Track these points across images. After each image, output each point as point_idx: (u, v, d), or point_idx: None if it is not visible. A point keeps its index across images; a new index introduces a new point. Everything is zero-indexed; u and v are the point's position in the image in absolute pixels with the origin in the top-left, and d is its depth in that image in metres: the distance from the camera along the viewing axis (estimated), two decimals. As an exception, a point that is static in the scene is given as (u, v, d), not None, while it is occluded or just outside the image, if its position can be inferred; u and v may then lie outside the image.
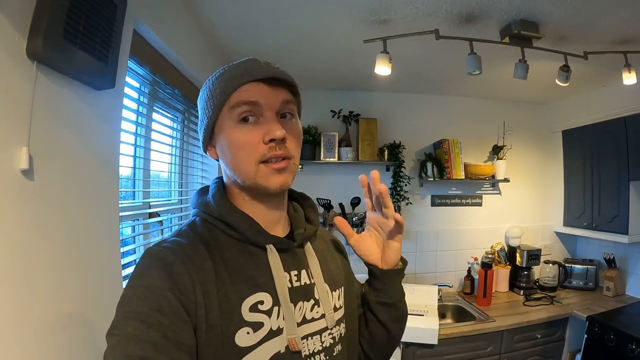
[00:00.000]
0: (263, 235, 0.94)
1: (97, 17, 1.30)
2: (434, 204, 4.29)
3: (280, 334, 0.89)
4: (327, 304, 1.02)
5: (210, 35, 2.72)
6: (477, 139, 4.33)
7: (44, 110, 1.18)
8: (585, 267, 4.06)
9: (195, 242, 0.89)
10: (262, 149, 0.90)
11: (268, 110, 0.91)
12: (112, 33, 1.40)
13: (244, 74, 0.90)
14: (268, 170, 0.91)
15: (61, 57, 1.18)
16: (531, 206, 4.50)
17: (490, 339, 3.24)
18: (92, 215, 1.46)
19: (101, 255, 1.52)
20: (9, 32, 1.03)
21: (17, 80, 1.07)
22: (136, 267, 0.83)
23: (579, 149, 4.04)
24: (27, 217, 1.12)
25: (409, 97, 4.25)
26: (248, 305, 0.86)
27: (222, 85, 0.91)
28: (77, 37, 1.20)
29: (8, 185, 1.05)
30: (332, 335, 1.01)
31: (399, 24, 2.45)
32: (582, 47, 2.63)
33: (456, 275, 4.26)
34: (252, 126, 0.91)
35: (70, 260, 1.32)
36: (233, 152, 0.92)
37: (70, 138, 1.32)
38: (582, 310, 3.38)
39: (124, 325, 0.73)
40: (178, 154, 2.80)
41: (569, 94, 4.03)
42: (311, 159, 3.94)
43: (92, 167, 1.45)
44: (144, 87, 2.17)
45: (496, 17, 2.34)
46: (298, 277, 0.99)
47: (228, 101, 0.91)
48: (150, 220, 2.35)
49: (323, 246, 1.17)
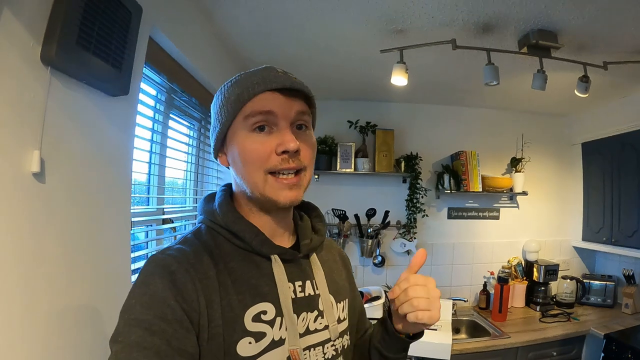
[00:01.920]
0: (268, 246, 0.94)
1: (111, 24, 1.32)
2: (450, 217, 4.25)
3: (282, 344, 0.89)
4: (331, 315, 1.02)
5: (227, 43, 2.74)
6: (495, 151, 4.29)
7: (57, 114, 1.20)
8: (604, 284, 3.96)
9: (200, 250, 0.89)
10: (274, 160, 0.89)
11: (283, 120, 0.90)
12: (127, 40, 1.42)
13: (260, 82, 0.89)
14: (277, 185, 0.90)
15: (75, 63, 1.19)
16: (549, 220, 4.43)
17: (504, 355, 3.17)
18: (103, 219, 1.47)
19: (111, 259, 1.54)
20: (24, 38, 1.05)
21: (31, 85, 1.09)
22: (140, 274, 0.83)
23: (599, 161, 3.95)
24: (39, 219, 1.14)
25: (426, 108, 4.24)
26: (251, 315, 0.86)
27: (237, 92, 0.90)
28: (91, 44, 1.22)
29: (19, 188, 1.07)
30: (335, 347, 1.01)
31: (416, 34, 2.44)
32: (602, 57, 2.59)
33: (472, 290, 4.21)
34: (266, 136, 0.90)
35: (80, 263, 1.34)
36: (243, 161, 0.91)
37: (82, 143, 1.34)
38: (599, 327, 3.30)
39: (128, 333, 0.74)
40: (194, 162, 2.82)
41: (588, 106, 3.97)
42: (327, 169, 3.94)
43: (104, 172, 1.47)
44: (161, 95, 2.20)
45: (514, 26, 2.31)
46: (302, 288, 0.98)
47: (243, 109, 0.90)
48: (164, 226, 2.37)
49: (329, 257, 1.16)
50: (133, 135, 1.68)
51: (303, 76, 2.87)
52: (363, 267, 4.15)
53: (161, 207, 2.33)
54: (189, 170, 2.81)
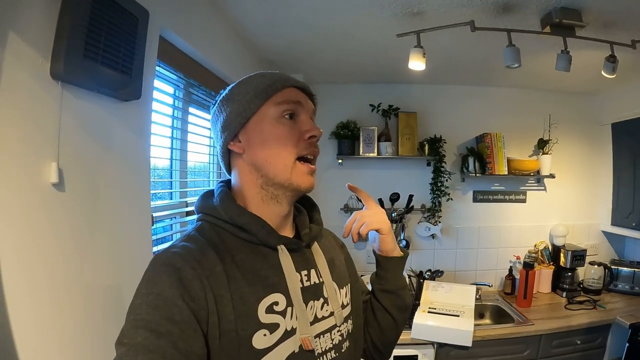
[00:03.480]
0: (274, 236, 0.96)
1: (117, 32, 1.33)
2: (475, 200, 4.20)
3: (294, 334, 0.91)
4: (336, 301, 1.05)
5: (241, 35, 2.74)
6: (521, 132, 4.19)
7: (71, 125, 1.23)
8: (633, 270, 3.86)
9: (205, 246, 0.90)
10: (302, 144, 0.97)
11: (306, 112, 1.01)
12: (135, 45, 1.43)
13: (287, 79, 1.00)
14: (305, 169, 0.98)
15: (84, 75, 1.22)
16: (577, 204, 4.32)
17: (527, 342, 3.15)
18: (123, 221, 1.53)
19: (134, 257, 1.59)
20: (32, 56, 1.08)
21: (44, 99, 1.12)
22: (145, 274, 0.83)
23: (629, 143, 3.82)
24: (61, 227, 1.20)
25: (449, 89, 4.15)
26: (264, 306, 0.87)
27: (268, 83, 0.97)
28: (98, 55, 1.24)
29: (40, 199, 1.12)
30: (341, 332, 1.04)
31: (433, 16, 2.38)
32: (630, 35, 2.45)
33: (497, 274, 4.17)
34: (294, 123, 0.98)
35: (103, 265, 1.40)
36: (274, 145, 0.96)
37: (98, 149, 1.38)
38: (625, 317, 3.24)
39: (134, 334, 0.73)
40: (215, 153, 2.82)
41: (618, 85, 3.79)
42: (350, 154, 3.94)
43: (121, 175, 1.51)
44: (178, 92, 2.22)
45: (535, 5, 2.22)
46: (308, 277, 1.01)
47: (273, 97, 0.97)
48: (188, 218, 2.42)
49: (327, 244, 1.19)
50: (149, 136, 1.71)
51: (321, 62, 2.84)
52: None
53: (184, 200, 2.39)
54: (211, 162, 2.87)
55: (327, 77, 3.89)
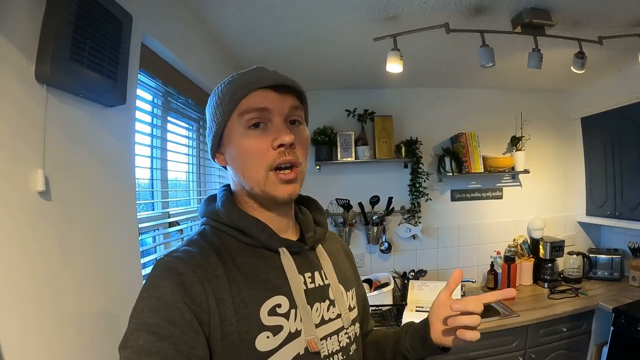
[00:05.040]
0: (275, 239, 0.95)
1: (103, 36, 1.32)
2: (453, 199, 4.26)
3: (298, 336, 0.90)
4: (343, 304, 1.04)
5: (220, 43, 2.75)
6: (495, 131, 4.28)
7: (57, 131, 1.20)
8: (610, 257, 3.98)
9: (206, 250, 0.90)
10: (272, 155, 0.91)
11: (277, 116, 0.93)
12: (120, 50, 1.43)
13: (253, 80, 0.92)
14: (277, 180, 0.92)
15: (70, 78, 1.20)
16: (553, 197, 4.43)
17: (515, 334, 3.20)
18: (110, 229, 1.49)
19: (122, 266, 1.56)
20: (16, 58, 1.05)
21: (29, 104, 1.09)
22: (147, 278, 0.83)
23: (599, 135, 3.95)
24: (47, 236, 1.16)
25: (424, 92, 4.23)
26: (267, 309, 0.87)
27: (232, 91, 0.92)
28: (84, 58, 1.23)
29: (26, 208, 1.08)
30: (348, 335, 1.03)
31: (408, 20, 2.43)
32: (597, 32, 2.57)
33: (479, 270, 4.22)
34: (261, 132, 0.92)
35: (91, 274, 1.36)
36: (242, 159, 0.94)
37: (84, 156, 1.35)
38: (608, 301, 3.32)
39: (136, 338, 0.74)
40: (195, 162, 2.83)
41: (585, 81, 3.93)
42: (328, 159, 3.94)
43: (108, 182, 1.48)
44: (157, 99, 2.21)
45: (506, 6, 2.30)
46: (312, 279, 1.00)
47: (237, 107, 0.92)
48: (171, 229, 2.38)
49: (333, 248, 1.18)
50: (133, 143, 1.69)
51: (298, 68, 2.84)
52: (370, 255, 4.17)
53: (166, 211, 2.35)
54: (191, 171, 2.83)
55: (304, 84, 3.79)
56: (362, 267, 4.10)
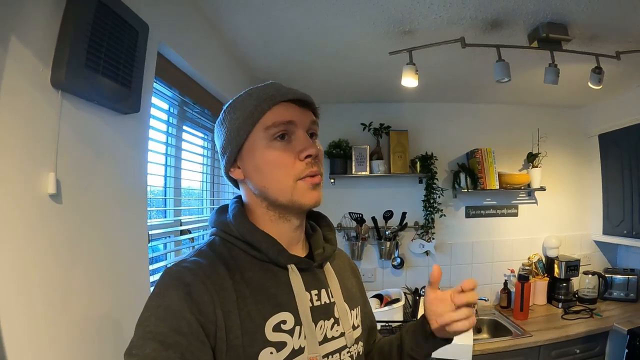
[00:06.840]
0: (284, 255, 0.95)
1: (118, 44, 1.34)
2: (468, 216, 4.23)
3: (301, 353, 0.90)
4: (347, 322, 1.04)
5: (235, 53, 2.78)
6: (511, 147, 4.25)
7: (70, 136, 1.22)
8: (626, 277, 3.89)
9: (215, 261, 0.90)
10: (300, 166, 0.93)
11: (301, 129, 0.95)
12: (135, 58, 1.45)
13: (276, 94, 0.93)
14: (306, 186, 0.93)
15: (84, 85, 1.22)
16: (569, 215, 4.36)
17: (526, 354, 3.14)
18: (120, 235, 1.51)
19: (130, 273, 1.57)
20: (33, 63, 1.08)
21: (43, 108, 1.12)
22: (155, 287, 0.84)
23: (617, 153, 3.88)
24: (57, 239, 1.18)
25: (439, 107, 4.22)
26: (272, 325, 0.87)
27: (254, 104, 0.94)
28: (99, 65, 1.25)
29: (37, 210, 1.10)
30: (350, 354, 1.03)
31: (424, 34, 2.44)
32: (614, 46, 2.54)
33: (492, 288, 4.16)
34: (286, 144, 0.94)
35: (99, 279, 1.37)
36: (268, 170, 0.94)
37: (96, 162, 1.37)
38: (623, 323, 3.25)
39: (142, 346, 0.74)
40: (209, 172, 2.85)
41: (603, 97, 3.89)
42: (343, 173, 3.95)
43: (119, 189, 1.50)
44: (173, 108, 2.24)
45: (522, 21, 2.29)
46: (318, 297, 1.00)
47: (262, 120, 0.93)
48: (182, 237, 2.39)
49: (340, 265, 1.18)
50: (146, 150, 1.71)
51: (313, 82, 2.85)
52: (382, 270, 4.15)
53: (178, 219, 2.36)
54: (205, 180, 2.85)
55: (319, 97, 3.83)
56: (373, 282, 4.09)
